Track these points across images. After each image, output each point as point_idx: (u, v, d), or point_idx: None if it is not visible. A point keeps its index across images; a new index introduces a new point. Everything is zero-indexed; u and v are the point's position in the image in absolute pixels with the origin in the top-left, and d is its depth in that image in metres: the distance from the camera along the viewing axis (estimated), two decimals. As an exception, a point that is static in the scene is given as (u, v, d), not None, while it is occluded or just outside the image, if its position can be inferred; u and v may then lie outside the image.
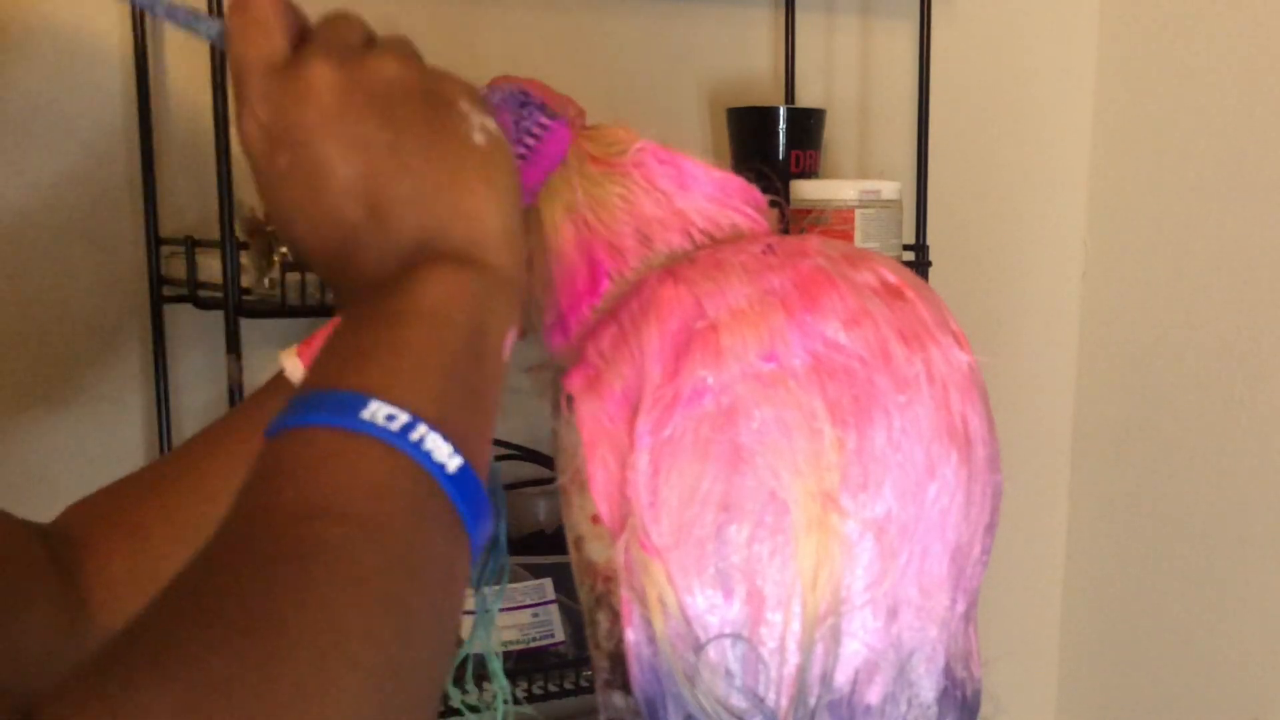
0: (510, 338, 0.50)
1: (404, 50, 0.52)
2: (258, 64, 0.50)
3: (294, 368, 0.63)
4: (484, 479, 0.46)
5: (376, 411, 0.43)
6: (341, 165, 0.48)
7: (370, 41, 0.52)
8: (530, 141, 0.57)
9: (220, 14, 0.92)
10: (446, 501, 0.44)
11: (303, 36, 0.51)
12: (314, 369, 0.46)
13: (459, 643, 0.47)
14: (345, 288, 0.50)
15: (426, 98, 0.50)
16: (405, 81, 0.50)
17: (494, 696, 0.66)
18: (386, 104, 0.49)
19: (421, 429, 0.43)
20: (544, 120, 0.57)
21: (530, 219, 0.61)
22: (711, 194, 0.59)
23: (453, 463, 0.44)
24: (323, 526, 0.41)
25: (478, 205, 0.49)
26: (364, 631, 0.40)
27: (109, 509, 0.64)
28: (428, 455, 0.43)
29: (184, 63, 1.08)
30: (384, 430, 0.43)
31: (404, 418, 0.43)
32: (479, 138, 0.50)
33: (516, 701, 1.05)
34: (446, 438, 0.44)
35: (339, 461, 0.43)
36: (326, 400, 0.44)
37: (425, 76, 0.51)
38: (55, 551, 0.61)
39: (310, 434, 0.43)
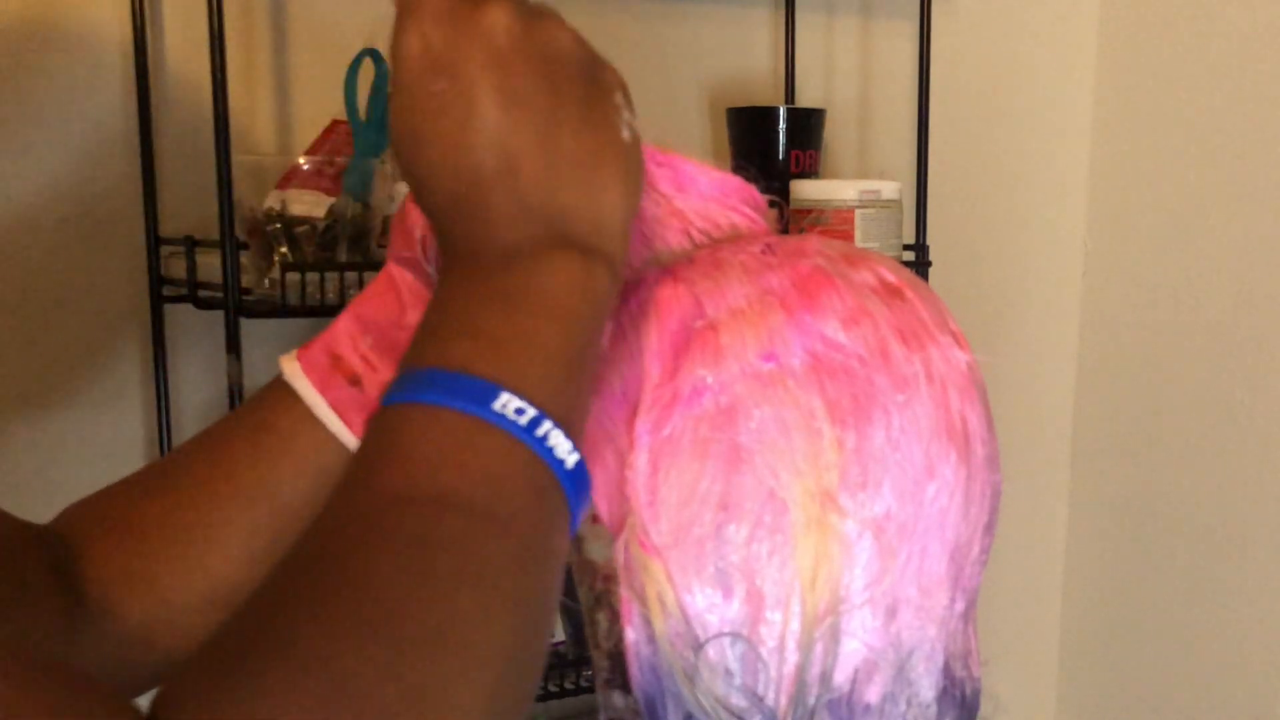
0: (609, 328, 0.50)
1: (574, 30, 0.52)
2: None
3: (293, 371, 0.64)
4: None
5: (507, 404, 0.43)
6: (494, 112, 0.47)
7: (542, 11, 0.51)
8: None
9: (220, 16, 0.93)
10: (562, 497, 0.45)
11: None
12: (434, 339, 0.46)
13: None
14: (457, 238, 0.49)
15: (589, 79, 0.50)
16: (575, 56, 0.50)
17: None
18: (553, 71, 0.49)
19: (547, 425, 0.44)
20: None
21: None
22: (710, 194, 0.59)
23: (571, 459, 0.45)
24: (450, 517, 0.41)
25: (610, 197, 0.49)
26: (485, 629, 0.40)
27: (106, 512, 0.64)
28: (550, 451, 0.44)
29: (185, 62, 1.08)
30: (513, 424, 0.43)
31: (531, 412, 0.44)
32: (626, 134, 0.50)
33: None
34: (567, 434, 0.45)
35: (467, 450, 0.43)
36: (459, 385, 0.44)
37: (592, 59, 0.51)
38: (53, 553, 0.61)
39: (438, 415, 0.43)
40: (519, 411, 0.43)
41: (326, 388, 0.63)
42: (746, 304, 0.53)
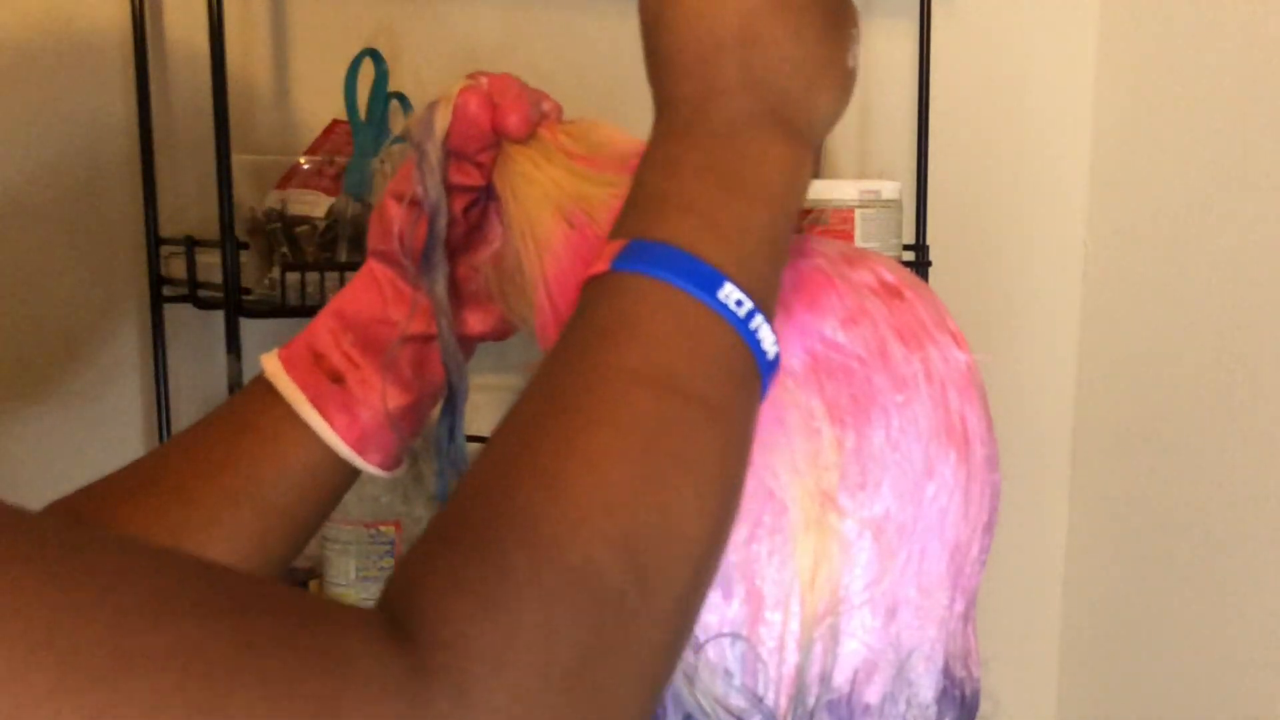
0: None
1: None
2: None
3: (274, 370, 0.63)
4: None
5: (730, 294, 0.45)
6: None
7: None
8: None
9: (220, 16, 0.92)
10: (759, 386, 0.47)
11: None
12: (659, 208, 0.48)
13: None
14: (682, 97, 0.50)
15: (840, 1, 0.52)
16: None
17: None
18: None
19: (759, 319, 0.46)
20: None
21: (507, 215, 0.61)
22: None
23: (772, 351, 0.47)
24: (675, 401, 0.43)
25: (826, 99, 0.51)
26: (698, 516, 0.43)
27: (87, 513, 0.63)
28: (758, 344, 0.46)
29: (185, 63, 1.08)
30: (733, 314, 0.45)
31: (749, 304, 0.46)
32: (851, 61, 0.53)
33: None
34: (771, 327, 0.47)
35: (695, 336, 0.45)
36: (691, 268, 0.45)
37: None
38: None
39: (671, 295, 0.45)
40: (739, 303, 0.45)
41: (308, 386, 0.63)
42: (746, 304, 0.53)
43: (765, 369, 0.47)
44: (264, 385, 0.64)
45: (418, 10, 1.17)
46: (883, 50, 1.41)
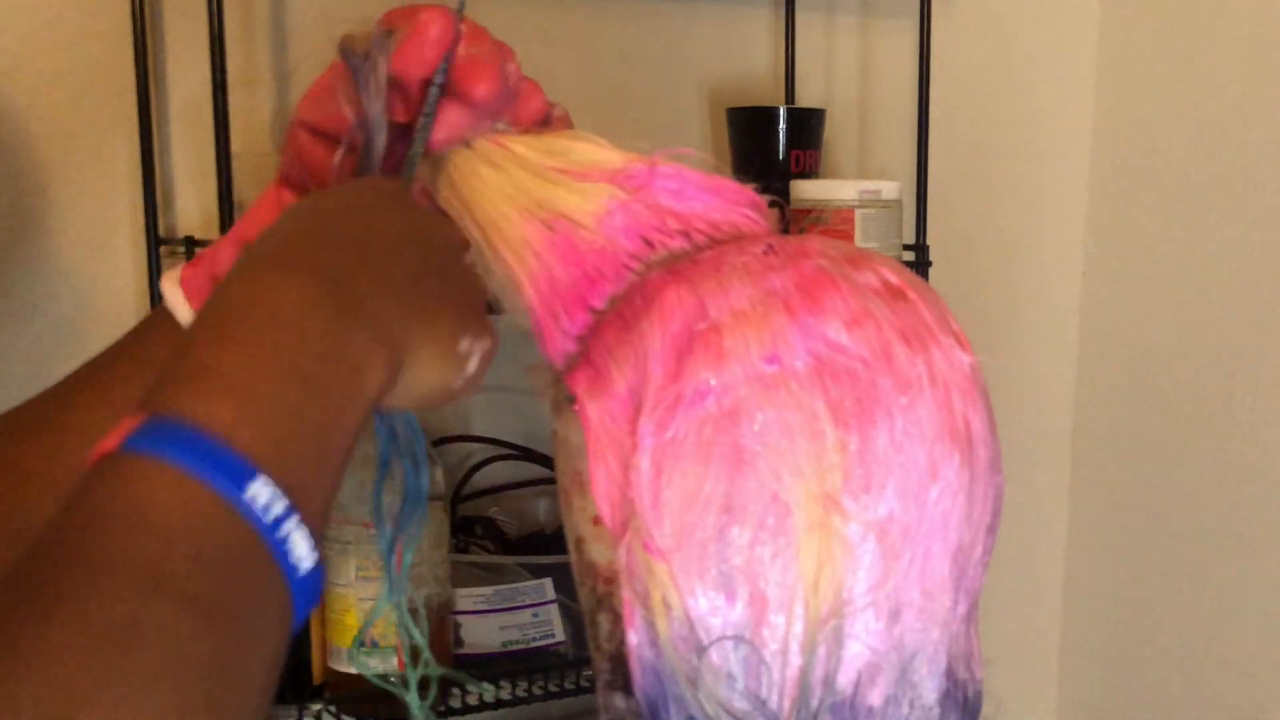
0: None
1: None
2: None
3: (175, 298, 0.62)
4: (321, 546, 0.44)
5: (258, 494, 0.40)
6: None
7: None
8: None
9: (220, 16, 0.92)
10: (289, 598, 0.42)
11: None
12: (188, 381, 0.43)
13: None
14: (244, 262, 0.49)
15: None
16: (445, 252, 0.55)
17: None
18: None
19: (290, 524, 0.41)
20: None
21: (458, 217, 0.60)
22: (709, 199, 0.59)
23: (305, 564, 0.42)
24: (164, 605, 0.38)
25: (432, 334, 0.52)
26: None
27: None
28: (286, 555, 0.41)
29: (185, 62, 1.08)
30: (259, 519, 0.40)
31: (278, 509, 0.41)
32: (465, 349, 0.53)
33: (514, 702, 1.05)
34: (311, 529, 0.42)
35: (206, 536, 0.40)
36: (213, 456, 0.40)
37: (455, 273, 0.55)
38: None
39: (185, 485, 0.40)
40: (266, 508, 0.40)
41: None
42: (749, 306, 0.53)
43: (297, 584, 0.42)
44: (164, 315, 0.62)
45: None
46: (883, 50, 1.40)
